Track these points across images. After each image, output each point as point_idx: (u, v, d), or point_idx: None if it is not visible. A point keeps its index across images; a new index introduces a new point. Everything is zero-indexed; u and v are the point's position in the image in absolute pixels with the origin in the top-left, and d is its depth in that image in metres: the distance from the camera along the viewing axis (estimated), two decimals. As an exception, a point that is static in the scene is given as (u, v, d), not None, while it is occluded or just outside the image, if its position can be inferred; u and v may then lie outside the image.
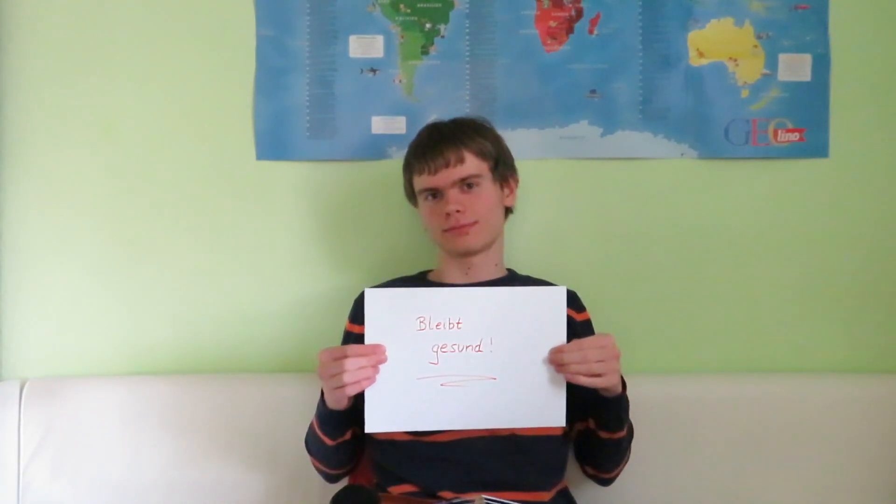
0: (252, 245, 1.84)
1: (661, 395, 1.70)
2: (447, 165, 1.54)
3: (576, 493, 1.63)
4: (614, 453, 1.57)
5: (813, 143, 1.82)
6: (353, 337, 1.59)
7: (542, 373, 1.38)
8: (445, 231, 1.56)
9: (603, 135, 1.82)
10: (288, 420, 1.69)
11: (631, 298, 1.84)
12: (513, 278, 1.67)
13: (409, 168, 1.61)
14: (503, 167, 1.61)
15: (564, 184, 1.83)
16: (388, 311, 1.35)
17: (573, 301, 1.63)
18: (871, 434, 1.73)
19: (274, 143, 1.82)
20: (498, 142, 1.62)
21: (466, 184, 1.55)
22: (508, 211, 1.65)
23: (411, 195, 1.65)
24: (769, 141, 1.81)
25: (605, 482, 1.63)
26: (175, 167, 1.83)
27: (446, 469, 1.50)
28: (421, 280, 1.67)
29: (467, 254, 1.57)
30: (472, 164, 1.56)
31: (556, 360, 1.39)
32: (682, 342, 1.79)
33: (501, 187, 1.61)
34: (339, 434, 1.52)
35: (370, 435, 1.51)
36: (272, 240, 1.84)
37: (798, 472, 1.72)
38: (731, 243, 1.85)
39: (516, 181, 1.66)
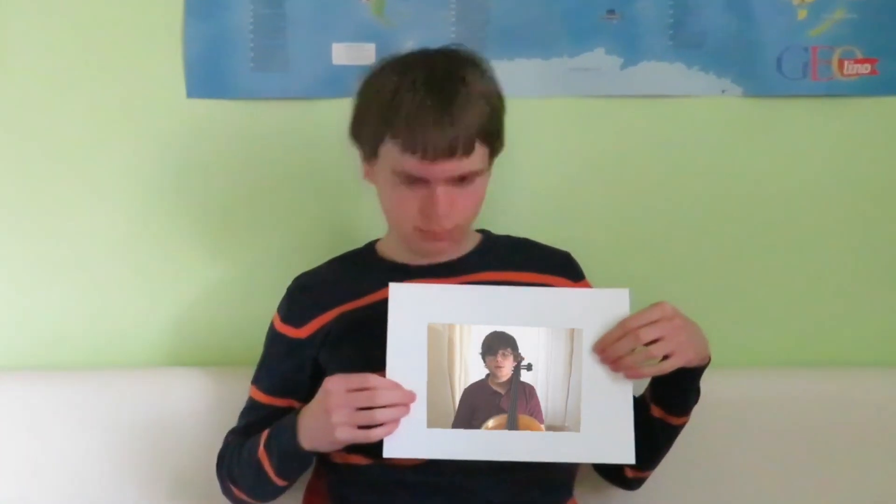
0: (182, 207, 1.82)
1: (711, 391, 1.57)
2: (451, 155, 1.40)
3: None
4: (670, 443, 1.54)
5: (888, 77, 1.79)
6: (287, 342, 1.55)
7: (599, 393, 1.39)
8: (416, 229, 1.47)
9: (623, 66, 1.78)
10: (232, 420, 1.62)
11: (657, 273, 1.81)
12: (488, 244, 1.60)
13: (387, 129, 1.44)
14: (500, 145, 1.51)
15: (574, 128, 1.80)
16: (414, 313, 1.39)
17: (567, 266, 1.60)
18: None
19: (209, 76, 1.78)
20: (502, 105, 1.50)
21: (460, 177, 1.44)
22: None
23: (364, 146, 1.50)
24: (833, 74, 1.78)
25: (636, 484, 1.59)
26: (83, 109, 1.79)
27: (422, 495, 1.46)
28: (369, 255, 1.61)
29: (434, 256, 1.54)
30: (478, 156, 1.44)
31: (606, 358, 1.38)
32: (722, 328, 1.66)
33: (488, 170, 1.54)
34: (300, 473, 1.48)
35: (323, 456, 1.49)
36: (205, 199, 1.81)
37: (855, 478, 1.69)
38: (785, 204, 1.82)
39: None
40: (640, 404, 1.48)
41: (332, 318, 1.52)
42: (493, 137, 1.46)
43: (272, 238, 1.81)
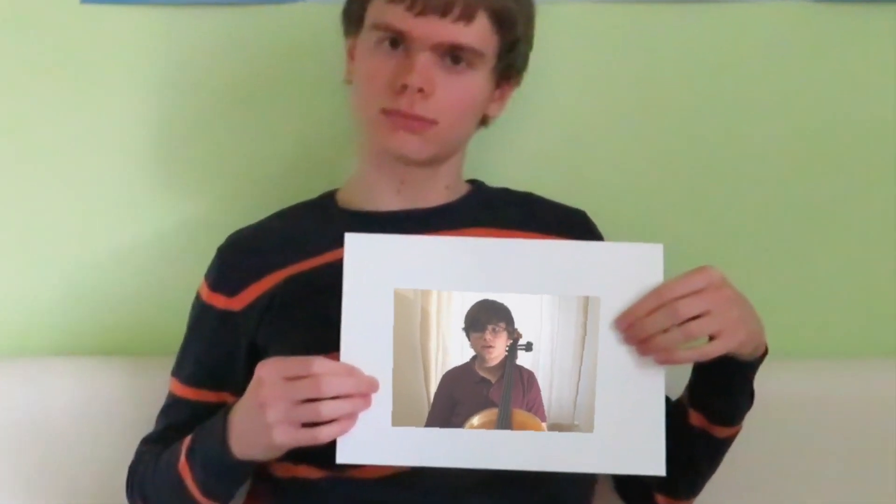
0: (76, 143, 1.71)
1: (764, 389, 1.50)
2: (444, 13, 1.39)
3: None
4: (715, 462, 1.48)
5: None
6: (217, 316, 1.49)
7: (621, 383, 1.33)
8: (385, 112, 1.42)
9: (658, -40, 1.69)
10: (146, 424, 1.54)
11: (706, 233, 1.70)
12: (480, 195, 1.56)
13: None
14: (517, 58, 1.50)
15: (594, 41, 1.70)
16: (377, 273, 1.33)
17: (582, 227, 1.55)
18: None
19: (106, -25, 1.69)
20: (531, 15, 1.51)
21: (453, 56, 1.41)
22: (483, 121, 1.55)
23: (352, 20, 1.49)
24: (941, -35, 1.65)
25: None
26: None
27: None
28: (326, 205, 1.55)
29: (402, 160, 1.47)
30: (479, 32, 1.42)
31: (632, 336, 1.31)
32: (782, 309, 1.60)
33: (495, 86, 1.50)
34: (234, 490, 1.41)
35: (261, 468, 1.41)
36: (107, 133, 1.70)
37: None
38: (870, 141, 1.70)
39: (517, 84, 1.54)
40: (675, 411, 1.40)
41: (274, 284, 1.45)
42: (505, 24, 1.42)
43: (196, 185, 1.71)
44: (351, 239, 1.31)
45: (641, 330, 1.29)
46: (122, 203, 1.71)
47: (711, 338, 1.29)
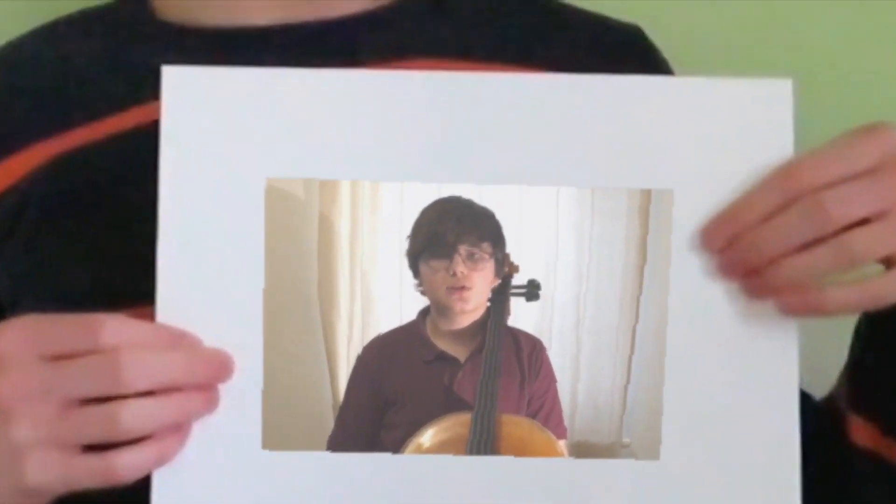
0: None
1: None
2: None
3: None
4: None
5: None
6: None
7: (713, 358, 1.08)
8: None
9: None
10: None
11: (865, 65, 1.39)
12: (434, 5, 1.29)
13: None
14: None
15: None
16: (227, 143, 1.05)
17: (632, 51, 1.37)
18: None
19: None
20: None
21: None
22: None
23: None
24: None
25: None
26: None
27: None
28: (130, 15, 1.24)
29: None
30: None
31: (735, 261, 1.07)
32: None
33: None
34: None
35: None
36: None
37: None
38: None
39: None
40: (822, 417, 1.12)
41: (28, 171, 1.15)
42: None
43: None
44: (171, 75, 0.95)
45: (754, 249, 0.93)
46: None
47: (890, 265, 0.93)
